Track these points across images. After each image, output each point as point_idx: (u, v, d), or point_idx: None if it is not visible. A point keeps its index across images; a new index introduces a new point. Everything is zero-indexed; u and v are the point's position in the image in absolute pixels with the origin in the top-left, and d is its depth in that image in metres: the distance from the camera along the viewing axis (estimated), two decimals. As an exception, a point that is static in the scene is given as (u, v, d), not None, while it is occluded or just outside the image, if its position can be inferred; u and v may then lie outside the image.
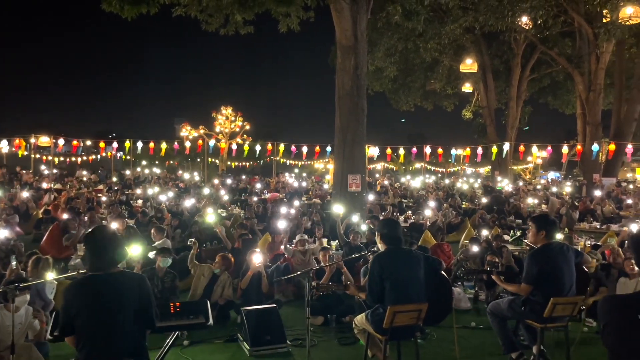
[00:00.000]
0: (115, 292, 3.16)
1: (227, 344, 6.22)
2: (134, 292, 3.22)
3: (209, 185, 20.46)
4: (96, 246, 3.26)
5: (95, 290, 3.16)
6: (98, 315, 3.11)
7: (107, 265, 3.23)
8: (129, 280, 3.27)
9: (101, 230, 3.47)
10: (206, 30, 14.99)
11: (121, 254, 3.34)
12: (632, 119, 21.31)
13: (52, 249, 10.07)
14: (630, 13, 15.56)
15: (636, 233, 2.42)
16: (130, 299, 3.19)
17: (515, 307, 4.99)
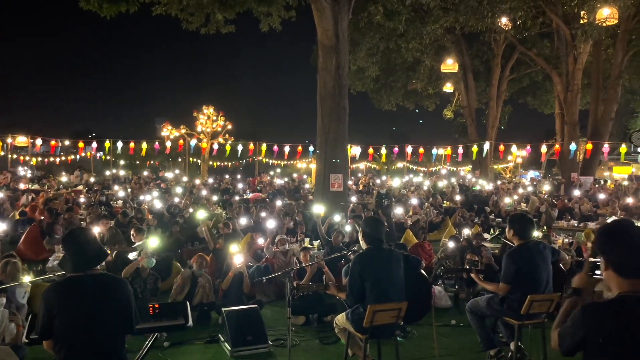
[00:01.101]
0: (95, 294, 3.13)
1: (208, 345, 6.19)
2: (114, 295, 3.19)
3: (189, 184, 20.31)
4: (75, 247, 3.23)
5: (75, 291, 3.12)
6: (77, 318, 3.07)
7: (86, 266, 3.20)
8: (110, 283, 3.24)
9: (80, 232, 3.49)
10: (187, 29, 14.90)
11: (101, 254, 3.31)
12: (608, 118, 21.71)
13: (29, 250, 9.91)
14: (606, 14, 15.87)
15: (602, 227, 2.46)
16: (110, 302, 3.15)
17: (493, 304, 5.05)
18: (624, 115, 31.43)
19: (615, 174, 32.37)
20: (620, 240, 2.28)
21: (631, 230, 2.33)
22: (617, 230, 2.35)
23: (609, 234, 2.35)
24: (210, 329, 6.68)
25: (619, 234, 2.31)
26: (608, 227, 2.41)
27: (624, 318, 2.11)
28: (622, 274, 2.22)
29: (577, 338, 2.20)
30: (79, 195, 16.23)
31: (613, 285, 2.26)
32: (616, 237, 2.31)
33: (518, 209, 14.75)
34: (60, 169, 27.38)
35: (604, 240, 2.34)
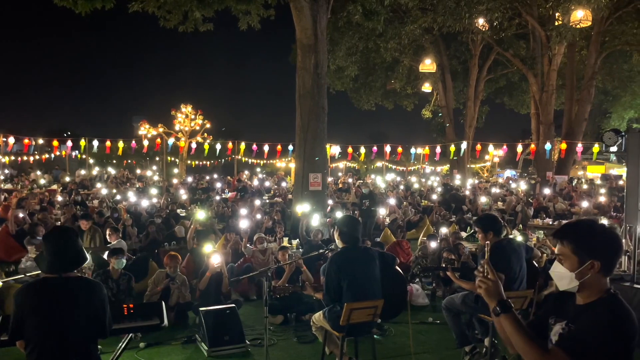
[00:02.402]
0: (69, 297, 3.07)
1: (184, 345, 6.14)
2: (89, 299, 3.13)
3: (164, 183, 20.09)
4: (55, 247, 3.16)
5: (46, 294, 3.06)
6: (48, 321, 3.01)
7: (65, 268, 3.13)
8: (85, 287, 3.17)
9: (63, 232, 3.40)
10: (164, 26, 14.73)
11: (79, 259, 3.23)
12: (582, 119, 22.12)
13: (0, 251, 9.70)
14: (580, 16, 16.16)
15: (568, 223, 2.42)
16: (83, 306, 3.09)
17: (468, 301, 5.12)
18: (597, 115, 32.10)
19: (588, 173, 33.02)
20: (610, 238, 2.22)
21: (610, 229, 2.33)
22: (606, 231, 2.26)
23: (601, 234, 2.22)
24: (187, 329, 6.64)
25: (607, 233, 2.24)
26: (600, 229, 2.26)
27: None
28: (607, 273, 2.18)
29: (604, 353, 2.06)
30: (53, 195, 15.94)
31: (595, 287, 2.17)
32: (607, 236, 2.22)
33: (494, 208, 14.95)
34: (34, 168, 26.83)
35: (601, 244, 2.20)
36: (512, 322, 2.17)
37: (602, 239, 2.21)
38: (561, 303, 2.33)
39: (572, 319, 2.20)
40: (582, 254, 2.18)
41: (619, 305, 2.13)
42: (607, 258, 2.18)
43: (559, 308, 2.32)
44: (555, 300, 2.38)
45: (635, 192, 6.47)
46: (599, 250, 2.18)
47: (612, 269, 2.21)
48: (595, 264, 2.15)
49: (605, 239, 2.21)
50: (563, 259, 2.23)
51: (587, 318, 2.12)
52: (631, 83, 25.28)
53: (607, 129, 7.08)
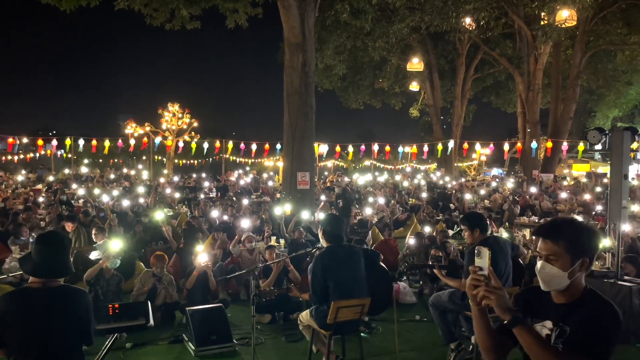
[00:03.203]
0: (51, 306, 3.01)
1: (171, 345, 6.11)
2: (74, 308, 3.07)
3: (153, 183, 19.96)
4: (44, 251, 3.08)
5: (32, 304, 3.00)
6: (31, 329, 2.97)
7: (45, 274, 3.05)
8: (69, 296, 3.11)
9: (56, 237, 3.31)
10: (151, 24, 14.63)
11: (64, 269, 3.14)
12: (567, 117, 22.37)
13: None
14: (565, 16, 16.34)
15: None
16: (68, 316, 3.04)
17: (455, 299, 5.16)
18: (582, 114, 32.45)
19: (574, 171, 33.37)
20: (595, 235, 2.23)
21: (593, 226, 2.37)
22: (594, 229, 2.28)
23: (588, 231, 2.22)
24: (174, 329, 6.60)
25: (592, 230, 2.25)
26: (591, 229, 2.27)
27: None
28: (588, 270, 2.20)
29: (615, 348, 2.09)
30: (38, 195, 15.75)
31: (579, 284, 2.19)
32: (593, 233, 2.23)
33: (480, 206, 15.05)
34: (18, 168, 26.50)
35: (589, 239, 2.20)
36: (528, 333, 2.09)
37: (590, 236, 2.21)
38: (535, 303, 2.30)
39: (560, 319, 2.18)
40: (575, 253, 2.15)
41: (605, 298, 2.16)
42: (593, 255, 2.21)
43: (535, 308, 2.30)
44: (527, 301, 2.35)
45: (618, 190, 6.55)
46: (589, 247, 2.19)
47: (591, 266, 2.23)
48: (586, 261, 2.16)
49: (592, 236, 2.22)
50: (554, 258, 2.16)
51: (586, 316, 2.10)
52: (615, 82, 25.61)
53: (592, 128, 7.16)
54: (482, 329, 2.22)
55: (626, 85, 26.92)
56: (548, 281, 2.19)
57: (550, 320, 2.21)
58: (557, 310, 2.21)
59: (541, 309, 2.27)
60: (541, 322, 2.25)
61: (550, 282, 2.18)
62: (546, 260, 2.19)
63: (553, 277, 2.17)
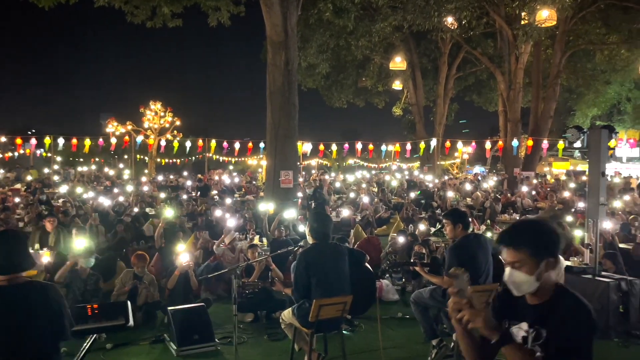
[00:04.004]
0: (23, 305, 2.96)
1: (153, 345, 6.06)
2: (45, 303, 3.03)
3: (134, 182, 19.76)
4: (5, 247, 3.07)
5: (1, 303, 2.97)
6: (4, 331, 2.92)
7: (13, 269, 3.02)
8: (39, 291, 3.07)
9: (10, 231, 3.42)
10: (132, 22, 14.48)
11: (27, 262, 3.14)
12: (548, 116, 22.64)
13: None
14: (545, 16, 16.54)
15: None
16: (40, 312, 3.00)
17: (436, 295, 5.20)
18: (562, 113, 32.90)
19: (554, 169, 33.85)
20: (555, 233, 2.26)
21: (548, 221, 2.36)
22: (549, 225, 2.29)
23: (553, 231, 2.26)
24: (155, 329, 6.55)
25: (552, 229, 2.27)
26: (547, 226, 2.28)
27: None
28: (554, 267, 2.23)
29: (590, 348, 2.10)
30: (16, 195, 15.48)
31: (548, 284, 2.22)
32: (552, 232, 2.26)
33: (463, 204, 15.18)
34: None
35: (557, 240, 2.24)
36: (517, 350, 2.11)
37: (550, 235, 2.24)
38: (511, 305, 2.32)
39: (535, 320, 2.20)
40: (538, 256, 2.18)
41: (577, 296, 2.19)
42: (556, 253, 2.24)
43: (510, 310, 2.32)
44: (503, 302, 2.36)
45: (596, 188, 6.66)
46: (550, 247, 2.22)
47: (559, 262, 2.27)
48: (550, 261, 2.20)
49: (552, 235, 2.24)
50: (520, 265, 2.19)
51: (559, 317, 2.13)
52: (594, 81, 26.02)
53: (571, 126, 7.27)
54: (468, 346, 2.23)
55: (605, 84, 27.39)
56: (518, 287, 2.22)
57: (526, 322, 2.24)
58: (531, 311, 2.24)
59: (517, 311, 2.29)
60: (517, 324, 2.27)
61: (520, 288, 2.22)
62: (512, 268, 2.21)
63: (522, 283, 2.20)
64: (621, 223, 10.72)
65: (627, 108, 32.18)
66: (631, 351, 6.00)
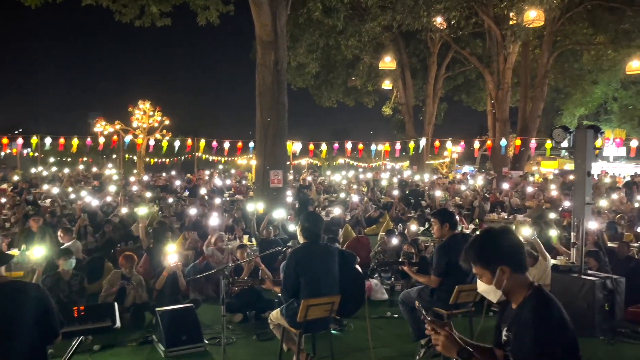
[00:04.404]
0: (6, 306, 2.94)
1: (141, 347, 6.02)
2: (26, 303, 2.99)
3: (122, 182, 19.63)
4: None
5: None
6: None
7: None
8: (20, 291, 3.03)
9: None
10: (120, 21, 14.37)
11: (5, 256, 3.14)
12: (535, 115, 22.85)
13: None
14: (533, 17, 16.68)
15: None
16: (21, 311, 2.95)
17: (424, 295, 5.22)
18: (550, 112, 33.18)
19: (542, 168, 34.10)
20: (512, 241, 2.34)
21: (505, 230, 2.45)
22: (502, 234, 2.38)
23: (501, 240, 2.34)
24: (143, 330, 6.51)
25: (507, 237, 2.35)
26: (495, 236, 2.37)
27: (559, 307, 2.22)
28: (521, 270, 2.31)
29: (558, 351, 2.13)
30: (2, 195, 15.32)
31: (517, 288, 2.28)
32: (506, 240, 2.33)
33: (451, 203, 15.26)
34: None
35: (501, 248, 2.32)
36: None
37: (499, 244, 2.33)
38: (504, 309, 2.46)
39: (511, 324, 2.32)
40: (489, 266, 2.31)
41: (539, 302, 2.23)
42: (511, 259, 2.30)
43: (503, 314, 2.45)
44: (502, 308, 2.50)
45: (582, 187, 6.72)
46: (501, 255, 2.31)
47: (523, 265, 2.33)
48: (504, 269, 2.27)
49: (501, 243, 2.33)
50: (480, 275, 2.37)
51: (519, 321, 2.24)
52: (581, 81, 26.27)
53: (557, 126, 7.32)
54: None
55: (592, 84, 27.65)
56: (487, 295, 2.38)
57: (506, 325, 2.36)
58: (510, 314, 2.35)
59: (506, 315, 2.42)
60: (505, 327, 2.39)
61: (489, 296, 2.37)
62: (479, 279, 2.40)
63: (486, 292, 2.36)
64: (607, 222, 10.84)
65: (613, 108, 32.53)
66: (616, 348, 6.07)
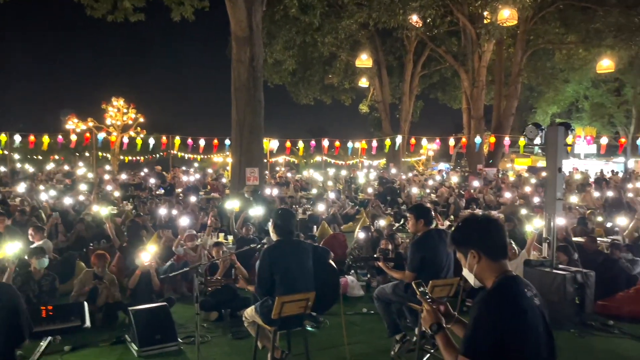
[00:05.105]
0: None
1: (113, 346, 5.91)
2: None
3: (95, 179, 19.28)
4: None
5: None
6: None
7: None
8: None
9: None
10: (92, 15, 14.10)
11: None
12: (509, 113, 23.20)
13: None
14: (507, 16, 16.95)
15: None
16: None
17: (398, 291, 5.24)
18: (524, 110, 33.74)
19: (516, 165, 34.67)
20: (486, 227, 2.37)
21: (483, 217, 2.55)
22: (479, 220, 2.46)
23: (475, 225, 2.40)
24: (116, 329, 6.40)
25: (483, 223, 2.41)
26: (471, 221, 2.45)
27: (520, 300, 2.20)
28: (494, 257, 2.31)
29: (493, 341, 2.11)
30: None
31: (487, 274, 2.30)
32: (481, 226, 2.38)
33: (427, 199, 15.39)
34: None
35: (473, 232, 2.37)
36: (442, 339, 2.37)
37: (472, 228, 2.39)
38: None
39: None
40: (463, 249, 2.37)
41: (494, 291, 2.24)
42: (483, 244, 2.33)
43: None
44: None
45: (553, 183, 6.84)
46: (473, 239, 2.35)
47: (497, 252, 2.32)
48: (474, 252, 2.31)
49: (475, 227, 2.39)
50: (460, 259, 2.41)
51: (473, 305, 2.26)
52: (554, 80, 26.77)
53: (530, 123, 7.44)
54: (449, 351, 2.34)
55: (563, 82, 28.23)
56: (469, 279, 2.41)
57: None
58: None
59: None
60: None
61: (470, 281, 2.40)
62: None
63: (467, 276, 2.40)
64: (578, 217, 11.06)
65: (584, 106, 33.24)
66: (587, 341, 6.20)
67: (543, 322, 2.24)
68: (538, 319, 2.21)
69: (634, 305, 6.90)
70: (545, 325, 2.24)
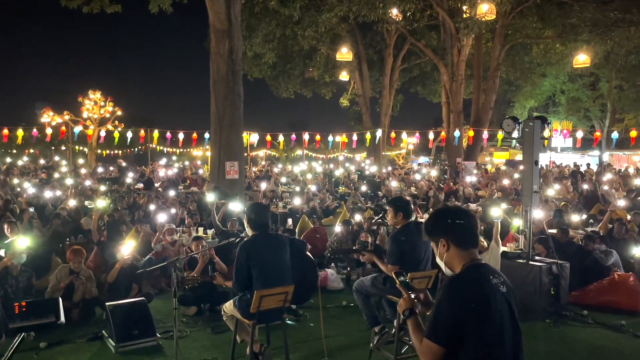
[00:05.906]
0: None
1: (90, 343, 5.84)
2: None
3: (72, 174, 18.97)
4: None
5: None
6: None
7: None
8: None
9: None
10: (67, 6, 13.81)
11: None
12: (488, 107, 23.41)
13: None
14: (485, 10, 17.06)
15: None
16: None
17: (377, 283, 5.27)
18: (502, 104, 34.14)
19: (495, 159, 35.10)
20: (455, 218, 2.45)
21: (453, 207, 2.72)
22: (449, 211, 2.58)
23: (445, 216, 2.50)
24: (93, 325, 6.31)
25: (452, 214, 2.50)
26: (442, 211, 2.60)
27: (482, 285, 2.26)
28: (462, 246, 2.39)
29: (454, 325, 2.18)
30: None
31: (456, 262, 2.39)
32: (450, 216, 2.47)
33: (407, 193, 15.49)
34: None
35: (442, 222, 2.47)
36: (412, 323, 2.44)
37: (442, 218, 2.49)
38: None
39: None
40: (434, 238, 2.47)
41: (454, 279, 2.33)
42: (452, 233, 2.41)
43: None
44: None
45: (530, 176, 6.94)
46: (441, 228, 2.45)
47: (465, 241, 2.40)
48: (443, 241, 2.41)
49: (444, 217, 2.48)
50: (433, 249, 2.51)
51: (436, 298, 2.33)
52: (531, 74, 27.08)
53: (507, 117, 7.52)
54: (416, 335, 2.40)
55: (541, 77, 28.59)
56: (442, 266, 2.50)
57: None
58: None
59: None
60: None
61: (444, 269, 2.47)
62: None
63: (440, 263, 2.49)
64: (555, 210, 11.25)
65: (561, 100, 33.75)
66: (561, 330, 6.32)
67: (509, 311, 2.27)
68: (503, 306, 2.25)
69: (608, 295, 7.06)
70: (511, 314, 2.28)
